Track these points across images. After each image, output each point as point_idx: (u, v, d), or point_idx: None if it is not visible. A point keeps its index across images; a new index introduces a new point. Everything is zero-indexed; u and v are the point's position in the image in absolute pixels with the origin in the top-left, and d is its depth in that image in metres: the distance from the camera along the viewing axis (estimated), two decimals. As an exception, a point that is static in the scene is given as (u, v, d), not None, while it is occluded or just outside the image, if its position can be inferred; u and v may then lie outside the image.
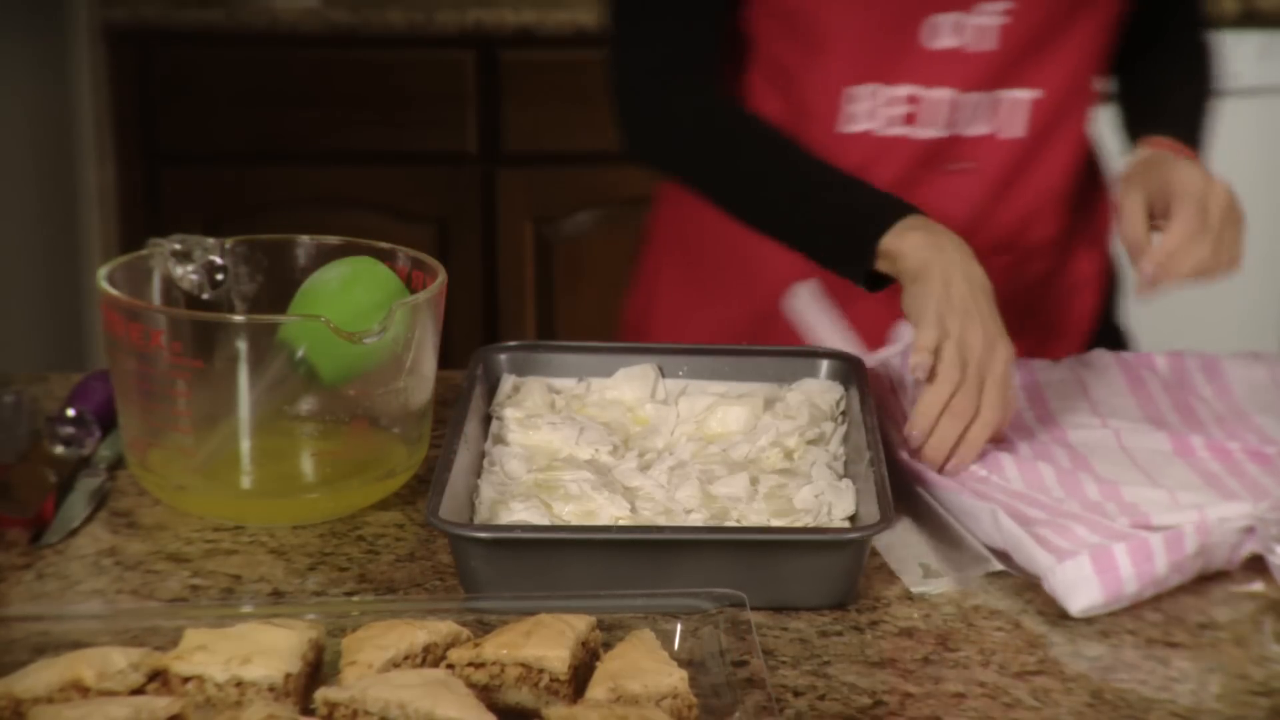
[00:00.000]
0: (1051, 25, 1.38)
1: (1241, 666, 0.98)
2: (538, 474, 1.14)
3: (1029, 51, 1.38)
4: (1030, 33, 1.37)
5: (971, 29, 1.36)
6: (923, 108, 1.39)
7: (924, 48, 1.37)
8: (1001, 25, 1.36)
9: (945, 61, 1.37)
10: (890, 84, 1.38)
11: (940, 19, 1.36)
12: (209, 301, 1.20)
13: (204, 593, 1.05)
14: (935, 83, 1.38)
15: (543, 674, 0.89)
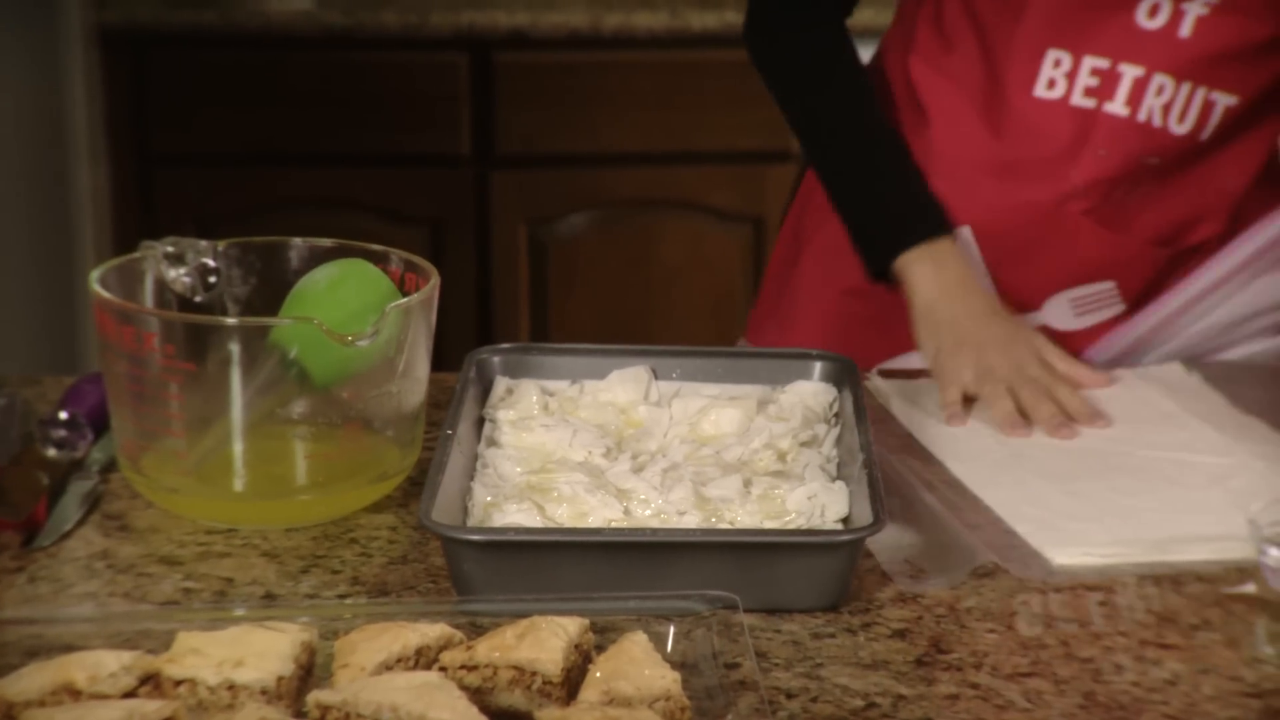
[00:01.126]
0: (1250, 29, 1.37)
1: (1234, 668, 0.98)
2: (531, 476, 1.14)
3: (1227, 50, 1.37)
4: (1227, 30, 1.37)
5: (1178, 14, 1.36)
6: (1113, 81, 1.39)
7: (1133, 23, 1.37)
8: (1199, 16, 1.36)
9: (1146, 40, 1.37)
10: (1087, 54, 1.39)
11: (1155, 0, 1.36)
12: (201, 304, 1.20)
13: (196, 595, 1.05)
14: (1129, 59, 1.38)
15: (535, 676, 0.89)
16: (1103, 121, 1.41)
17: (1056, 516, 1.15)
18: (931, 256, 1.36)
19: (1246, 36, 1.37)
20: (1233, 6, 1.36)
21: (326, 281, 1.16)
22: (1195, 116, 1.41)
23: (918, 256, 1.36)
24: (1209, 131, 1.42)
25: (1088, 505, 1.17)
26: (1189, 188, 1.45)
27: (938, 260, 1.36)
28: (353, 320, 1.11)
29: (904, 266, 1.37)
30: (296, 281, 1.18)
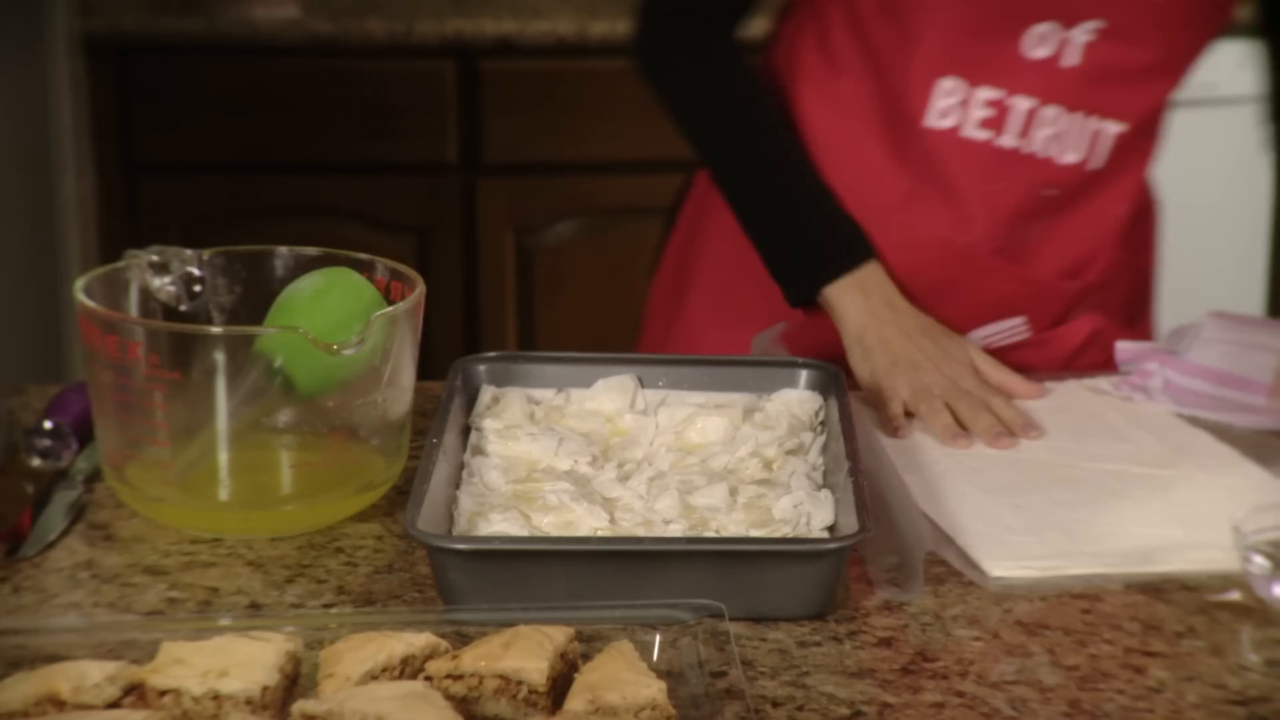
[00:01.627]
0: (1133, 55, 1.37)
1: (1219, 676, 0.98)
2: (516, 485, 1.14)
3: (1111, 77, 1.38)
4: (1111, 57, 1.37)
5: (1064, 43, 1.36)
6: (1005, 113, 1.39)
7: (1020, 54, 1.36)
8: (1087, 43, 1.36)
9: (1035, 71, 1.37)
10: (979, 84, 1.38)
11: (1042, 28, 1.35)
12: (186, 313, 1.20)
13: (181, 605, 1.04)
14: (1022, 90, 1.38)
15: (521, 685, 0.89)
16: (996, 154, 1.39)
17: (996, 529, 1.15)
18: (857, 284, 1.37)
19: (1130, 62, 1.37)
20: (1115, 33, 1.35)
21: (312, 290, 1.16)
22: (1085, 146, 1.40)
23: (843, 286, 1.37)
24: (1098, 160, 1.41)
25: (1028, 517, 1.17)
26: (1084, 218, 1.44)
27: (863, 286, 1.36)
28: (338, 329, 1.11)
29: (830, 297, 1.38)
30: (282, 290, 1.18)
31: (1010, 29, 1.35)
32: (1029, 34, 1.35)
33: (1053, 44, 1.36)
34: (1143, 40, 1.36)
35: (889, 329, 1.35)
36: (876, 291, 1.36)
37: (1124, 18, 1.34)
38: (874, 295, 1.36)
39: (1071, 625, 1.04)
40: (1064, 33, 1.35)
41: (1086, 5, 1.34)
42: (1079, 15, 1.34)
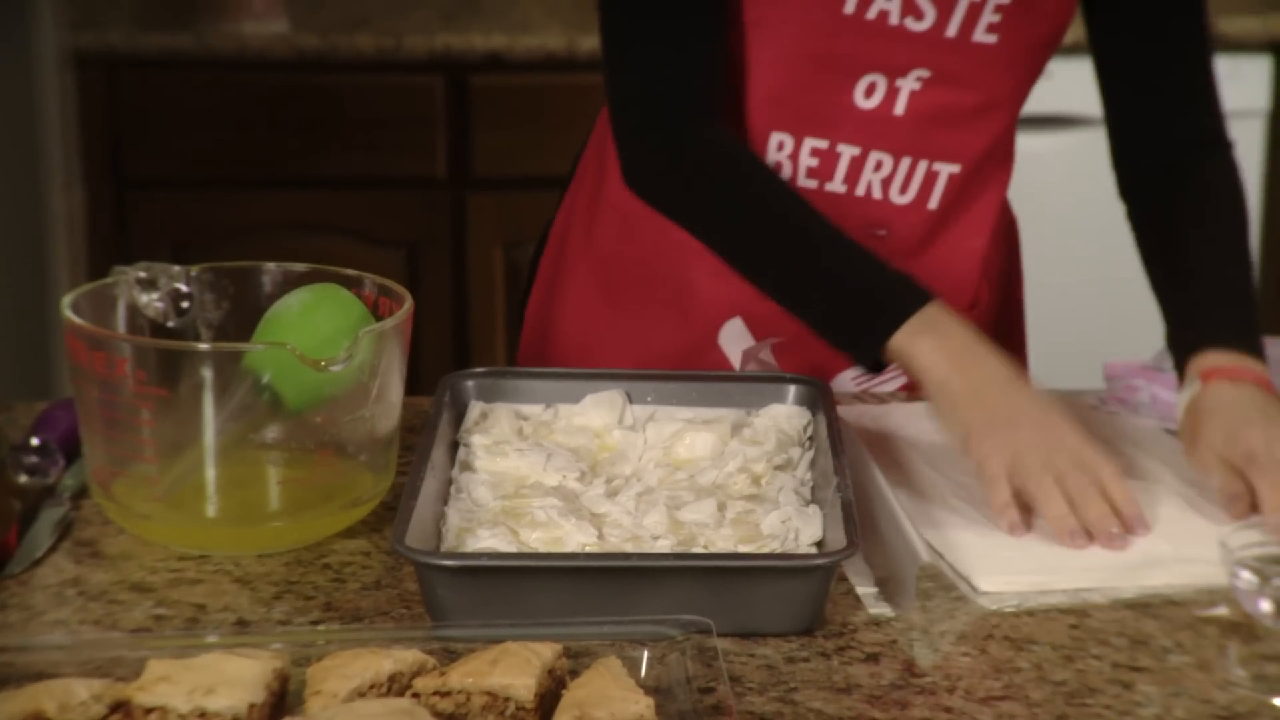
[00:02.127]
0: (960, 98, 1.37)
1: (1205, 691, 0.98)
2: (505, 501, 1.14)
3: (939, 121, 1.37)
4: (939, 102, 1.36)
5: (893, 92, 1.36)
6: (831, 161, 1.38)
7: (849, 105, 1.36)
8: (912, 92, 1.36)
9: (863, 120, 1.37)
10: (806, 136, 1.38)
11: (873, 78, 1.35)
12: (174, 329, 1.20)
13: (168, 623, 1.04)
14: (846, 139, 1.38)
15: (509, 702, 0.89)
16: (827, 199, 1.38)
17: (985, 544, 1.15)
18: (929, 327, 1.21)
19: (958, 106, 1.37)
20: (942, 79, 1.35)
21: (300, 306, 1.16)
22: (918, 187, 1.40)
23: (914, 330, 1.21)
24: (936, 200, 1.41)
25: None
26: (940, 255, 1.44)
27: (937, 330, 1.21)
28: (326, 345, 1.11)
29: (902, 346, 1.21)
30: (269, 306, 1.18)
31: (839, 83, 1.35)
32: (858, 85, 1.35)
33: (881, 94, 1.36)
34: (969, 84, 1.36)
35: (976, 377, 1.19)
36: (954, 335, 1.21)
37: (949, 65, 1.34)
38: (952, 338, 1.20)
39: (1059, 640, 1.04)
40: (892, 82, 1.35)
41: (912, 55, 1.34)
42: (905, 66, 1.34)
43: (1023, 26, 1.34)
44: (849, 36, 1.33)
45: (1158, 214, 1.38)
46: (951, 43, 1.34)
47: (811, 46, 1.34)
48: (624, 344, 1.48)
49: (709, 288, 1.44)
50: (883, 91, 1.36)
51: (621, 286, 1.50)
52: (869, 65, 1.35)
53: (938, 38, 1.33)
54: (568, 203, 1.57)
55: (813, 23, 1.33)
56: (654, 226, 1.43)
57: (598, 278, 1.51)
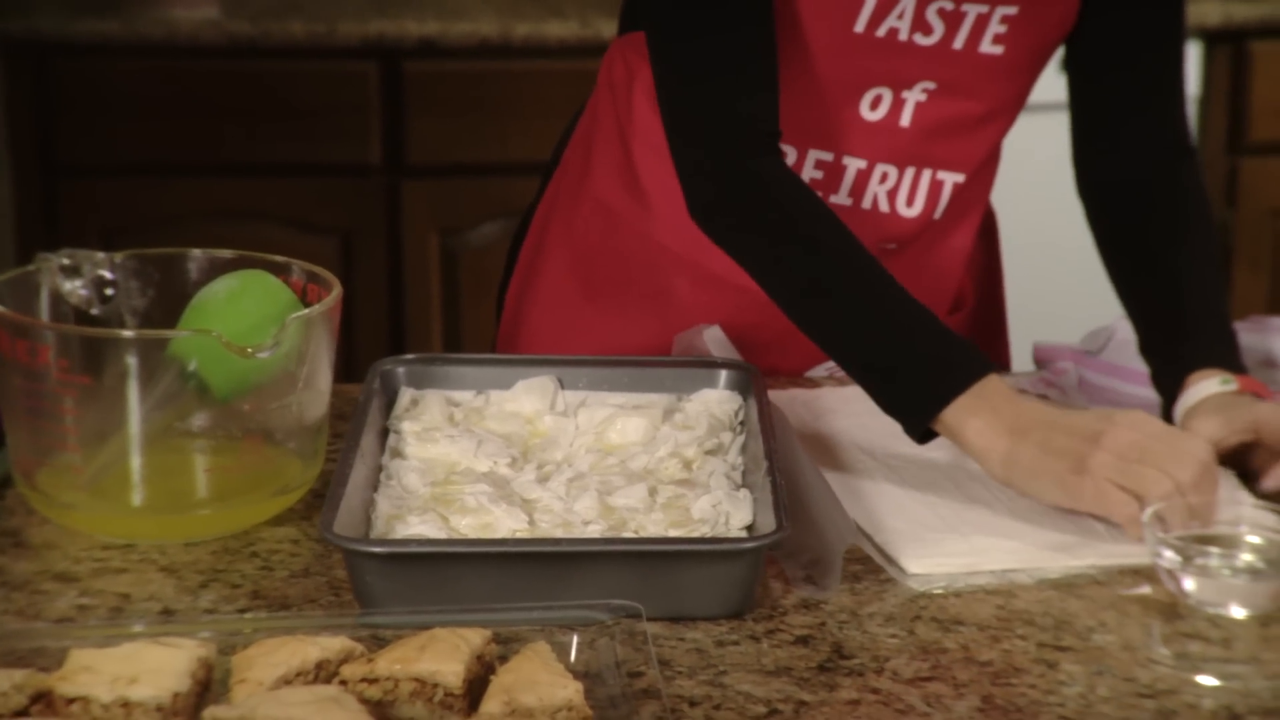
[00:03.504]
0: (965, 109, 1.37)
1: (1129, 669, 1.00)
2: (435, 487, 1.13)
3: (944, 131, 1.37)
4: (944, 113, 1.36)
5: (899, 104, 1.35)
6: (837, 174, 1.38)
7: (855, 118, 1.36)
8: (918, 103, 1.35)
9: (869, 132, 1.36)
10: (810, 148, 1.37)
11: (879, 90, 1.35)
12: (98, 317, 1.18)
13: (92, 612, 1.03)
14: (852, 151, 1.37)
15: (437, 689, 0.89)
16: None
17: (914, 526, 1.15)
18: (980, 404, 1.16)
19: (963, 116, 1.37)
20: (948, 90, 1.35)
21: (226, 293, 1.15)
22: (924, 198, 1.40)
23: (965, 409, 1.16)
24: (941, 211, 1.41)
25: (946, 515, 1.18)
26: (923, 256, 1.44)
27: (988, 404, 1.15)
28: (253, 332, 1.10)
29: (953, 427, 1.17)
30: (196, 293, 1.17)
31: (845, 95, 1.35)
32: (864, 98, 1.35)
33: (886, 106, 1.35)
34: (975, 94, 1.36)
35: (1035, 436, 1.14)
36: (1003, 406, 1.15)
37: (955, 76, 1.34)
38: (1001, 411, 1.15)
39: (986, 621, 1.05)
40: (898, 94, 1.35)
41: (919, 68, 1.34)
42: (912, 79, 1.34)
43: (1028, 36, 1.34)
44: (858, 53, 1.32)
45: (1131, 226, 1.37)
46: (958, 55, 1.33)
47: (819, 63, 1.33)
48: (598, 338, 1.47)
49: (691, 295, 1.43)
50: (889, 104, 1.35)
51: (600, 281, 1.49)
52: (876, 79, 1.34)
53: (945, 50, 1.33)
54: (551, 190, 1.55)
55: (822, 40, 1.32)
56: (636, 225, 1.42)
57: (576, 270, 1.50)
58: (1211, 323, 1.29)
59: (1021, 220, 1.90)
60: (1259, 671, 1.00)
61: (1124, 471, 1.11)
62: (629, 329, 1.47)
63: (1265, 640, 1.03)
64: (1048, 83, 1.43)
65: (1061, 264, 2.45)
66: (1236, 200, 2.88)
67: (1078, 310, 1.77)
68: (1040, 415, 1.15)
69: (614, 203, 1.44)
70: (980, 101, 1.37)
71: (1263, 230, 2.90)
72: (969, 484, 1.22)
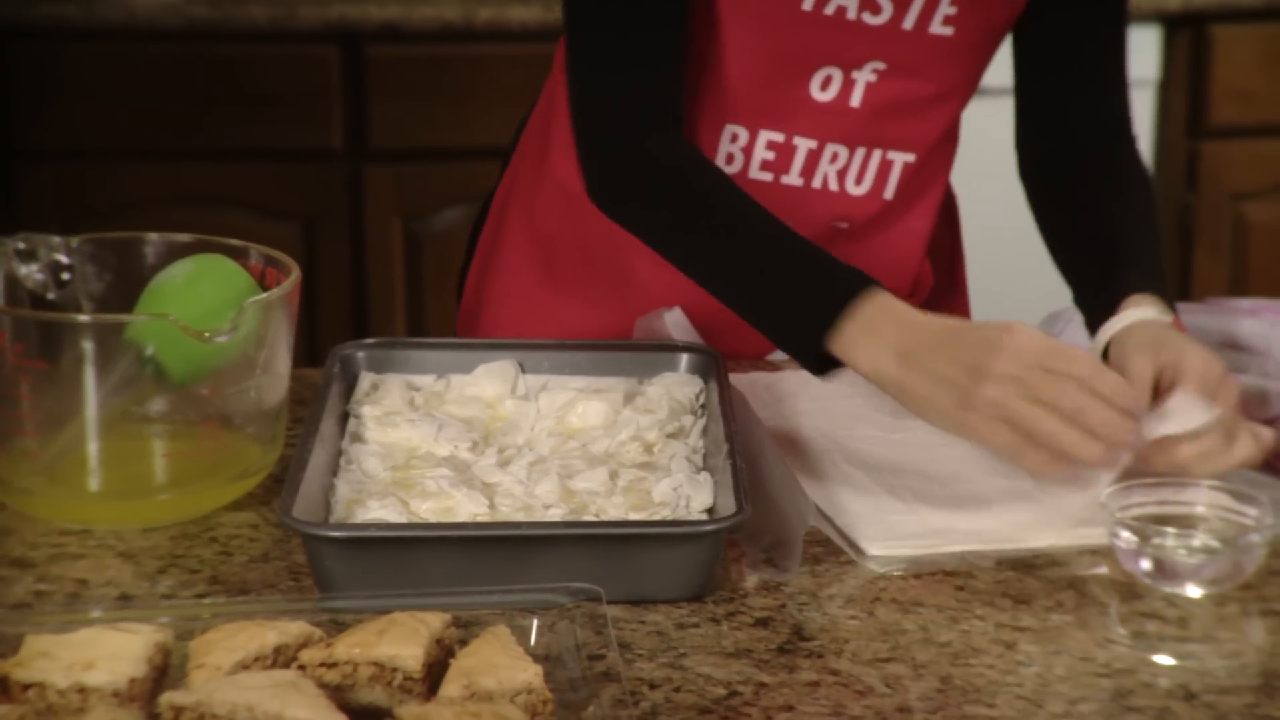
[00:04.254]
0: (915, 89, 1.37)
1: (1086, 648, 1.00)
2: (395, 472, 1.13)
3: (894, 111, 1.38)
4: (894, 93, 1.37)
5: (849, 84, 1.36)
6: (788, 155, 1.38)
7: (805, 98, 1.36)
8: (868, 84, 1.36)
9: (819, 112, 1.37)
10: (761, 129, 1.37)
11: (829, 70, 1.35)
12: (55, 301, 1.17)
13: (49, 598, 1.03)
14: (802, 132, 1.37)
15: (396, 672, 0.89)
16: (782, 192, 1.39)
17: (874, 508, 1.16)
18: (865, 330, 1.15)
19: (913, 96, 1.37)
20: (898, 71, 1.36)
21: (184, 277, 1.15)
22: (873, 177, 1.40)
23: (849, 339, 1.15)
24: (892, 190, 1.41)
25: (906, 497, 1.18)
26: (881, 239, 1.44)
27: (874, 330, 1.15)
28: (211, 316, 1.09)
29: (843, 355, 1.16)
30: (153, 278, 1.16)
31: (795, 77, 1.35)
32: (814, 78, 1.35)
33: (836, 86, 1.36)
34: (925, 75, 1.37)
35: (923, 361, 1.13)
36: (887, 329, 1.15)
37: (905, 57, 1.35)
38: (885, 334, 1.15)
39: (945, 603, 1.05)
40: (848, 75, 1.35)
41: (868, 48, 1.34)
42: (861, 58, 1.35)
43: (978, 17, 1.34)
44: (806, 31, 1.32)
45: (1067, 191, 1.38)
46: (908, 35, 1.33)
47: (768, 41, 1.33)
48: (559, 322, 1.46)
49: (650, 276, 1.43)
50: (839, 84, 1.35)
51: (561, 266, 1.49)
52: (825, 59, 1.34)
53: (894, 30, 1.33)
54: (509, 175, 1.54)
55: (770, 18, 1.32)
56: (599, 212, 1.43)
57: (537, 255, 1.50)
58: (1145, 259, 1.28)
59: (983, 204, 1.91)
60: (1215, 650, 1.01)
61: (1010, 410, 1.09)
62: (590, 313, 1.47)
63: (1221, 619, 1.04)
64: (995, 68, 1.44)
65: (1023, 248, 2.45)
66: (1197, 184, 2.90)
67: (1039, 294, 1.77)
68: (925, 334, 1.14)
69: (573, 186, 1.44)
70: (931, 82, 1.38)
71: (1223, 214, 2.92)
72: (929, 466, 1.23)
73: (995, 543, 1.13)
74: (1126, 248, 1.30)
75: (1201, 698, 0.95)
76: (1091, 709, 0.94)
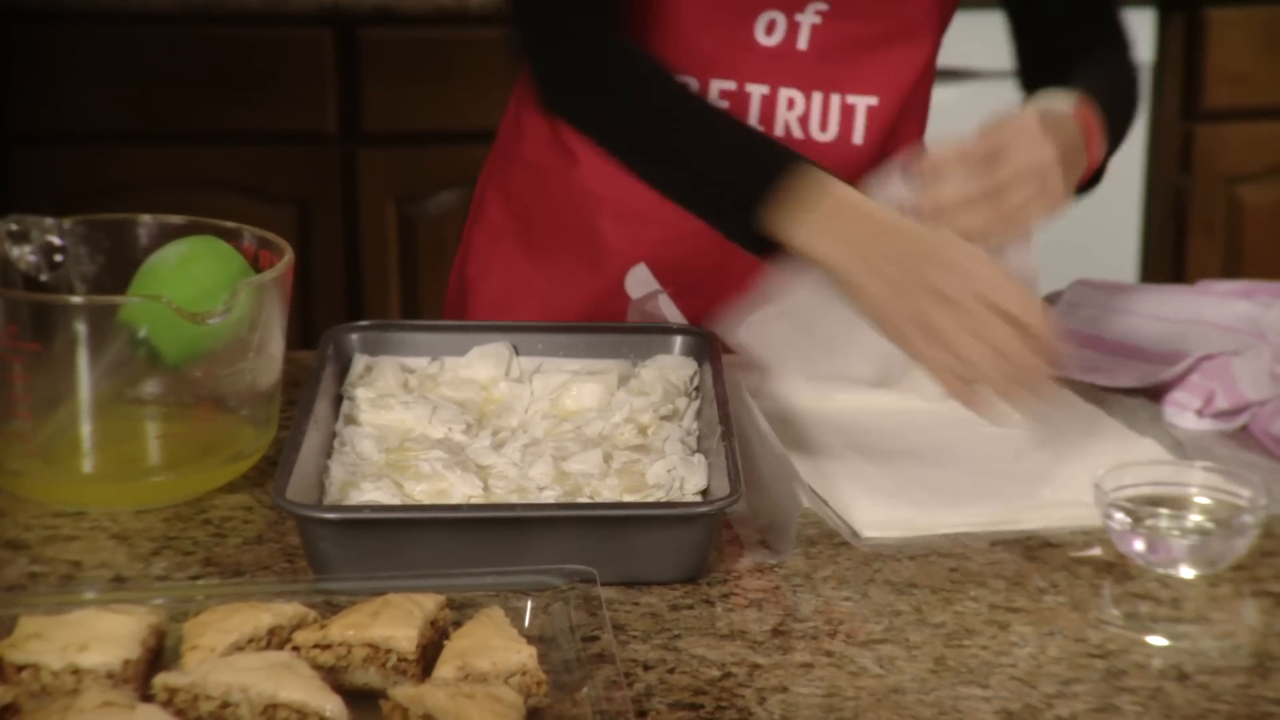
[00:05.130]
0: (861, 30, 1.37)
1: (1079, 629, 1.00)
2: (389, 454, 1.13)
3: (844, 54, 1.37)
4: (841, 35, 1.36)
5: (794, 27, 1.36)
6: (743, 102, 1.38)
7: (751, 43, 1.36)
8: (813, 25, 1.36)
9: (767, 58, 1.36)
10: (712, 78, 1.37)
11: (769, 15, 1.35)
12: (48, 283, 1.17)
13: (43, 580, 1.03)
14: (753, 79, 1.37)
15: (390, 654, 0.89)
16: None
17: (867, 490, 1.16)
18: (802, 207, 1.16)
19: (862, 36, 1.37)
20: (841, 13, 1.35)
21: (177, 259, 1.15)
22: (837, 122, 1.39)
23: (789, 217, 1.16)
24: (860, 136, 1.40)
25: (899, 479, 1.18)
26: None
27: (810, 206, 1.16)
28: (204, 298, 1.09)
29: (783, 235, 1.17)
30: (146, 259, 1.16)
31: (738, 21, 1.35)
32: (758, 23, 1.35)
33: (781, 30, 1.36)
34: (869, 16, 1.36)
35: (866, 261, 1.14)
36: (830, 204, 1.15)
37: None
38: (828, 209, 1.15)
39: (939, 584, 1.05)
40: (791, 18, 1.35)
41: None
42: (801, 1, 1.35)
43: None
44: None
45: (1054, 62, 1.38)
46: None
47: None
48: (542, 298, 1.46)
49: (615, 233, 1.43)
50: (783, 28, 1.35)
51: (537, 240, 1.49)
52: (766, 3, 1.34)
53: None
54: (489, 164, 1.56)
55: None
56: (562, 177, 1.42)
57: (514, 232, 1.50)
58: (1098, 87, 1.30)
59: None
60: (1207, 631, 1.01)
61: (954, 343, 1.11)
62: (568, 280, 1.47)
63: (1214, 600, 1.04)
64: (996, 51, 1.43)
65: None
66: (1192, 167, 2.89)
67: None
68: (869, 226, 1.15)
69: (541, 161, 1.44)
70: (877, 22, 1.37)
71: (1217, 197, 2.92)
72: (923, 448, 1.23)
73: (989, 524, 1.13)
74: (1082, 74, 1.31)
75: (1194, 678, 0.96)
76: (1085, 689, 0.94)
